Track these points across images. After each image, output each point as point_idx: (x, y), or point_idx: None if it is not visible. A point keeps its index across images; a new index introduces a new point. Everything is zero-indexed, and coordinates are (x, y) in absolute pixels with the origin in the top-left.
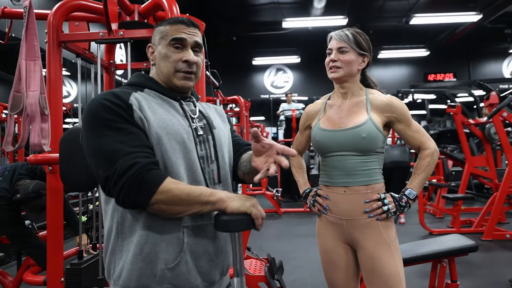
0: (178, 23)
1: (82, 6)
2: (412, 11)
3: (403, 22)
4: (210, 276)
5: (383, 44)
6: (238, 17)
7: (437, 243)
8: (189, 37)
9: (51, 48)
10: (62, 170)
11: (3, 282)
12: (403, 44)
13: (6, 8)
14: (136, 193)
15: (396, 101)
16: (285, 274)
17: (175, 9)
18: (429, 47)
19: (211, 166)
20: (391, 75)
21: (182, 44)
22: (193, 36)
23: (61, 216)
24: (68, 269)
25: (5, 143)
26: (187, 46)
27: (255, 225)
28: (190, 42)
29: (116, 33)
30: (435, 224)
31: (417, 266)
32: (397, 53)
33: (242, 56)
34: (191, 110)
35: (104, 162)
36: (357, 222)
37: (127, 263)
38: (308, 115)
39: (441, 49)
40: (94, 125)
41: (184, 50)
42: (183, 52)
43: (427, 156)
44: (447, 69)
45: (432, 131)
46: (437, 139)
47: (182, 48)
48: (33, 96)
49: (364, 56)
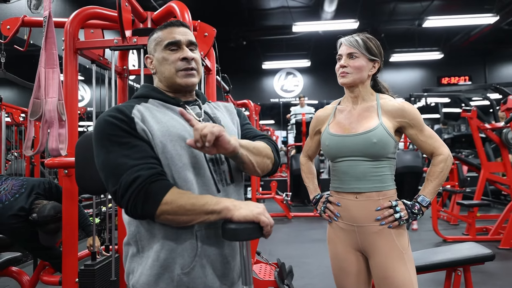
0: (168, 27)
1: (97, 14)
2: (425, 14)
3: (416, 24)
4: (228, 279)
5: (395, 48)
6: (248, 22)
7: (452, 251)
8: (183, 37)
9: (67, 55)
10: (77, 174)
11: (21, 280)
12: (416, 47)
13: (26, 17)
14: (142, 205)
15: (408, 106)
16: (294, 279)
17: (187, 15)
18: (443, 50)
19: (222, 167)
20: (403, 78)
21: (177, 45)
22: (186, 36)
23: (76, 219)
24: (82, 270)
25: (25, 148)
26: (182, 45)
27: (264, 232)
28: (184, 41)
29: (129, 40)
30: (449, 231)
31: (431, 275)
32: (410, 56)
33: (252, 60)
34: (197, 113)
35: (111, 176)
36: (369, 229)
37: (145, 269)
38: (318, 120)
39: (455, 52)
40: (101, 141)
41: (180, 50)
42: (179, 52)
43: (440, 162)
44: (462, 72)
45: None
46: (452, 144)
47: (177, 49)
48: (52, 103)
49: (374, 62)
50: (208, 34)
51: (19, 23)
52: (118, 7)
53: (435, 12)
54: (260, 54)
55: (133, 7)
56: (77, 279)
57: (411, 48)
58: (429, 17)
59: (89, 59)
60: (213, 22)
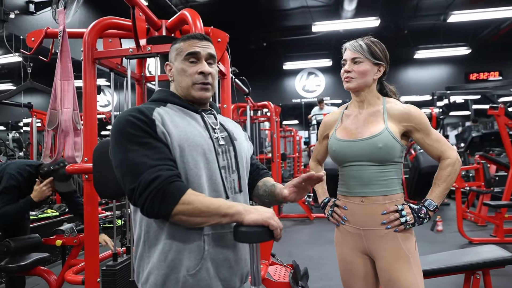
0: (191, 39)
1: (115, 24)
2: (450, 8)
3: (441, 20)
4: (230, 283)
5: (419, 44)
6: (267, 23)
7: (472, 253)
8: (203, 50)
9: (86, 65)
10: (95, 179)
11: (48, 280)
12: (441, 43)
13: (49, 29)
14: (159, 204)
15: (414, 110)
16: (312, 281)
17: (198, 23)
18: (470, 45)
19: (232, 175)
20: (428, 76)
21: (197, 57)
22: (206, 49)
23: (97, 222)
24: (104, 270)
25: (44, 156)
26: (201, 58)
27: (274, 235)
28: (203, 54)
29: (144, 48)
30: (476, 233)
31: (449, 278)
32: (435, 52)
33: (273, 61)
34: (213, 122)
35: (130, 175)
36: (375, 232)
37: (153, 269)
38: (326, 125)
39: (484, 46)
40: (121, 140)
41: (198, 63)
42: (198, 65)
43: (448, 166)
44: (492, 68)
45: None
46: (481, 142)
47: (196, 62)
48: (67, 113)
49: (379, 66)
50: (221, 39)
51: (42, 35)
52: (132, 17)
53: (461, 6)
54: (281, 55)
55: (147, 16)
56: (98, 279)
57: (436, 44)
58: (455, 11)
59: (107, 67)
60: (233, 25)
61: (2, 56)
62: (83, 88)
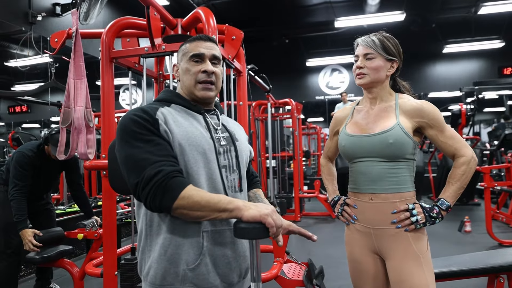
0: (196, 41)
1: (131, 24)
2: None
3: (472, 12)
4: (228, 278)
5: (448, 38)
6: (290, 20)
7: (498, 255)
8: (207, 51)
9: (104, 64)
10: (110, 174)
11: (71, 272)
12: (473, 36)
13: (71, 30)
14: (161, 198)
15: (427, 106)
16: (330, 280)
17: (211, 21)
18: (504, 37)
19: (232, 175)
20: (459, 70)
21: (201, 58)
22: (211, 50)
23: (114, 217)
24: (122, 264)
25: (58, 152)
26: (205, 59)
27: (270, 233)
28: (208, 55)
29: (159, 47)
30: (507, 234)
31: (472, 280)
32: (466, 46)
33: (296, 58)
34: (215, 123)
35: (134, 170)
36: (385, 232)
37: (153, 262)
38: (336, 120)
39: None
40: (125, 137)
41: (202, 63)
42: (201, 64)
43: (463, 164)
44: None
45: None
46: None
47: (201, 62)
48: (80, 111)
49: (392, 61)
50: (236, 37)
51: (65, 36)
52: (147, 17)
53: None
54: (303, 52)
55: (162, 15)
56: (116, 272)
57: (467, 38)
58: (486, 3)
59: (125, 66)
60: (254, 23)
61: (33, 58)
62: (101, 87)
